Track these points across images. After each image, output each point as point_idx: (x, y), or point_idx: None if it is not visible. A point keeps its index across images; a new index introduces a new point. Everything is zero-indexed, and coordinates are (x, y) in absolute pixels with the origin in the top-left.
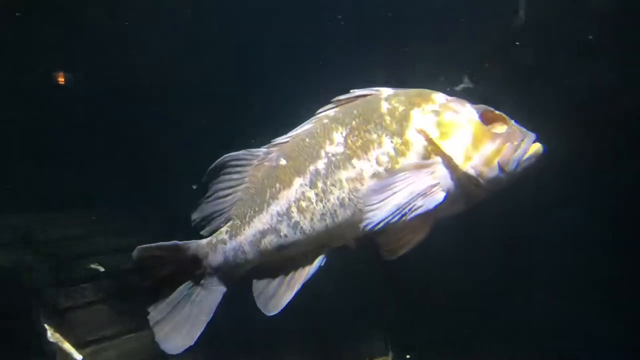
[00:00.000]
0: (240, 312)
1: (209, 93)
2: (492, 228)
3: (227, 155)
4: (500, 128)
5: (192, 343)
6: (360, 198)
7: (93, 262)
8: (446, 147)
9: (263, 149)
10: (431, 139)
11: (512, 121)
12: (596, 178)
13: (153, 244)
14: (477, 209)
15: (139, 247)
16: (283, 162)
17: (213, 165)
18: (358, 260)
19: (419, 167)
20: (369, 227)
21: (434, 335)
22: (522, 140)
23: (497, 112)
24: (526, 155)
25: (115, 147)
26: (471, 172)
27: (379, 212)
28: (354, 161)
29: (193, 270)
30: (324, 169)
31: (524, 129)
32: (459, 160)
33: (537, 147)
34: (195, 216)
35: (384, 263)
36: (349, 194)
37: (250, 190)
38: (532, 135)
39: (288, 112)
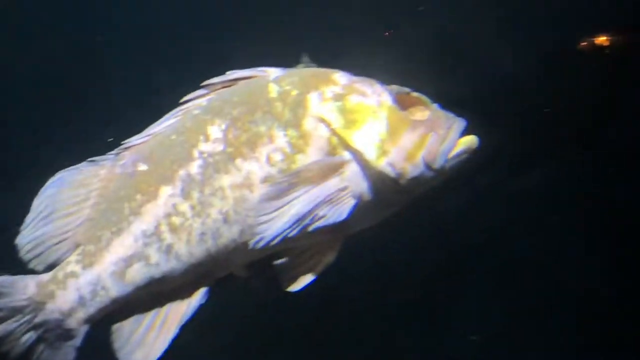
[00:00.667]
0: None
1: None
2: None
3: (61, 171)
4: (420, 114)
5: None
6: (250, 210)
7: None
8: (355, 139)
9: (111, 155)
10: (335, 129)
11: (434, 105)
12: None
13: None
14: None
15: None
16: (142, 167)
17: (45, 186)
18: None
19: (323, 166)
20: (261, 244)
21: None
22: (448, 128)
23: (414, 93)
24: (456, 148)
25: None
26: (389, 170)
27: (273, 224)
28: (239, 162)
29: (32, 318)
30: (200, 174)
31: (450, 114)
32: (372, 156)
33: (469, 139)
34: (24, 243)
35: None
36: (234, 205)
37: (101, 206)
38: (460, 122)
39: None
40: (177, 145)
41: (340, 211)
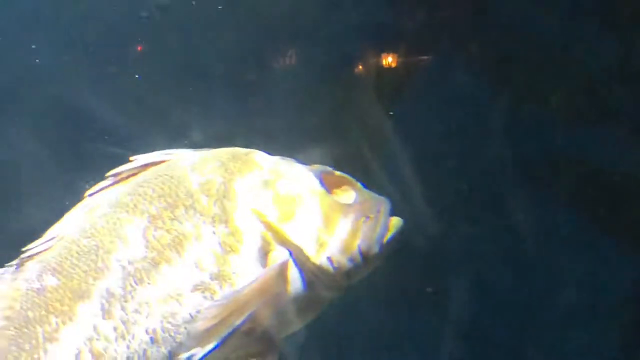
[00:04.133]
0: None
1: None
2: None
3: None
4: (346, 196)
5: None
6: (179, 326)
7: None
8: (292, 232)
9: (12, 265)
10: (271, 224)
11: (358, 183)
12: None
13: None
14: None
15: None
16: (52, 280)
17: None
18: None
19: (263, 285)
20: (201, 357)
21: None
22: (378, 212)
23: (337, 173)
24: (387, 235)
25: None
26: (327, 264)
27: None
28: (164, 269)
29: None
30: (121, 287)
31: (374, 194)
32: (311, 250)
33: (396, 221)
34: None
35: None
36: (162, 322)
37: (8, 331)
38: (387, 203)
39: None
40: (89, 252)
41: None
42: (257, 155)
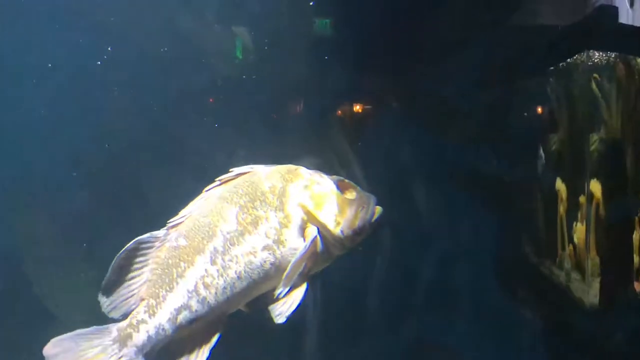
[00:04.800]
0: None
1: None
2: None
3: (134, 240)
4: (350, 194)
5: None
6: (254, 270)
7: None
8: (321, 216)
9: (162, 232)
10: (310, 211)
11: (358, 187)
12: None
13: (72, 333)
14: None
15: (53, 339)
16: (183, 242)
17: (124, 250)
18: None
19: (304, 234)
20: (284, 294)
21: None
22: (369, 204)
23: (346, 180)
24: (374, 217)
25: None
26: (340, 235)
27: (286, 282)
28: (247, 237)
29: (118, 352)
30: (222, 247)
31: (366, 193)
32: (331, 226)
33: (379, 209)
34: (104, 300)
35: None
36: (244, 267)
37: (157, 271)
38: (373, 198)
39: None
40: (205, 226)
41: (316, 267)
42: (301, 170)
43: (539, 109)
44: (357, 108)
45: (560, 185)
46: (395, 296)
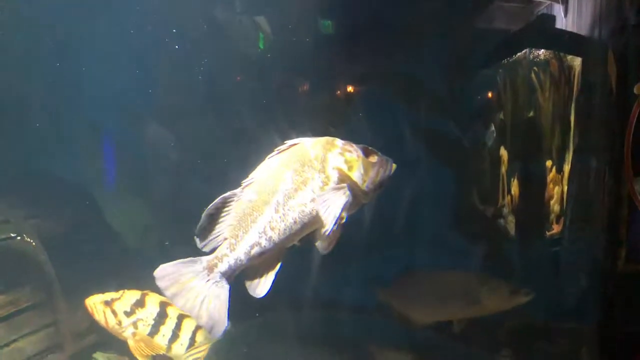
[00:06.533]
0: None
1: None
2: None
3: (220, 197)
4: (373, 158)
5: (227, 324)
6: (305, 216)
7: None
8: (352, 176)
9: (239, 190)
10: (345, 172)
11: (379, 152)
12: None
13: (175, 262)
14: None
15: (161, 266)
16: (255, 197)
17: (213, 204)
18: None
19: (339, 189)
20: (328, 232)
21: None
22: (387, 164)
23: (369, 148)
24: (392, 172)
25: None
26: (366, 189)
27: (329, 223)
28: (299, 192)
29: (206, 276)
30: (282, 200)
31: (384, 156)
32: (360, 183)
33: (394, 166)
34: (198, 240)
35: None
36: (298, 214)
37: (237, 218)
38: (391, 160)
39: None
40: (269, 185)
41: (349, 210)
42: (337, 141)
43: (491, 93)
44: (350, 88)
45: (503, 151)
46: (378, 230)
